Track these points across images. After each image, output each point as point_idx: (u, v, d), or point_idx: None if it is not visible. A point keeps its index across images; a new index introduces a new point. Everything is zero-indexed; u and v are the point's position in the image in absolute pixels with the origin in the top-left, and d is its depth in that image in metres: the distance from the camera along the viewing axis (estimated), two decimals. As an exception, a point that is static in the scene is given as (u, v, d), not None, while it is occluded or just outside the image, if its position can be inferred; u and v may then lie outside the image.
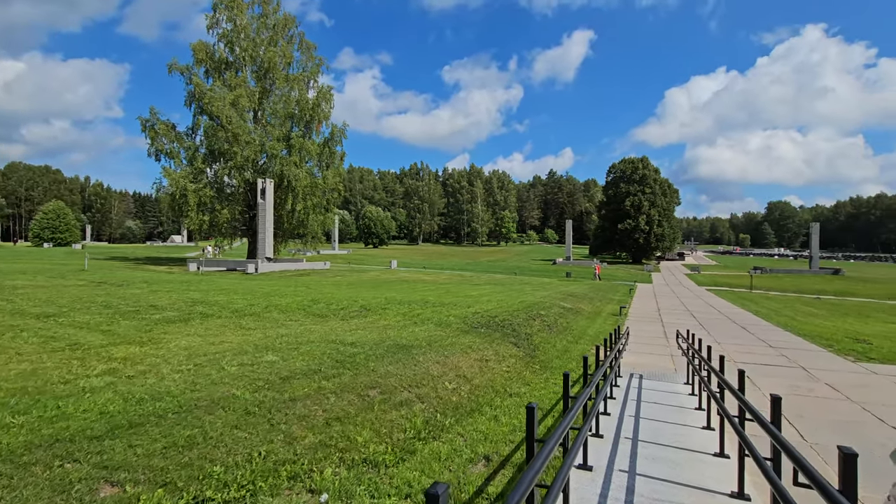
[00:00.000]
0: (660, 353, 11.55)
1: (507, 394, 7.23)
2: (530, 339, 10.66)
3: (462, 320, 10.88)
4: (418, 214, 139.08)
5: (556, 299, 18.90)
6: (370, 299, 14.05)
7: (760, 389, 8.33)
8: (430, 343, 8.21)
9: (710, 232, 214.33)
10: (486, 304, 14.75)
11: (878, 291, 39.19)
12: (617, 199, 74.17)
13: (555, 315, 14.55)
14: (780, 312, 21.63)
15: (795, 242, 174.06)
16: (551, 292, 22.78)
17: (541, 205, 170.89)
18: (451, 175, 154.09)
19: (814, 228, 60.23)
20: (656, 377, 9.08)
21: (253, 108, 37.31)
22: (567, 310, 16.66)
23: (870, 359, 11.02)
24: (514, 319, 11.94)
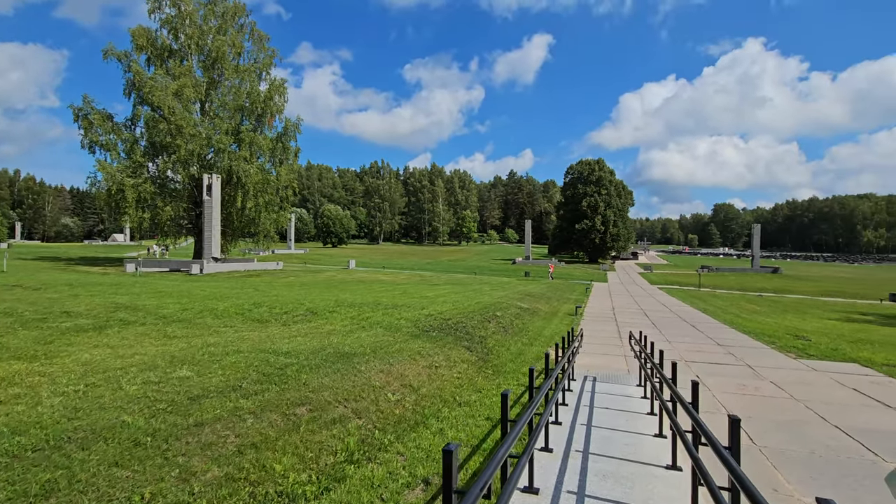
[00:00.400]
0: (614, 353, 11.47)
1: (457, 403, 6.78)
2: (484, 343, 10.28)
3: (414, 323, 10.36)
4: (379, 213, 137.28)
5: (514, 299, 18.72)
6: (319, 302, 13.29)
7: (710, 390, 8.29)
8: (376, 350, 7.65)
9: (662, 232, 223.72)
10: (441, 305, 14.31)
11: (812, 288, 41.80)
12: (574, 199, 75.80)
13: (511, 316, 14.29)
14: (726, 310, 22.43)
15: (738, 242, 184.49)
16: (509, 292, 22.65)
17: (501, 205, 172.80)
18: (413, 174, 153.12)
19: (755, 230, 63.72)
20: (610, 379, 8.90)
21: (199, 99, 35.25)
22: (524, 310, 16.47)
23: (809, 355, 11.36)
24: (468, 322, 11.54)
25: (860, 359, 10.86)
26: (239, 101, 35.92)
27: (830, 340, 13.26)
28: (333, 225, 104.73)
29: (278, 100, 37.61)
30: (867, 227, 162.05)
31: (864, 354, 11.27)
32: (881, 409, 7.32)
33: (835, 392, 8.24)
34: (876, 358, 10.89)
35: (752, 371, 9.73)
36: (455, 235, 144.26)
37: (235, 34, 37.07)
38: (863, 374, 9.62)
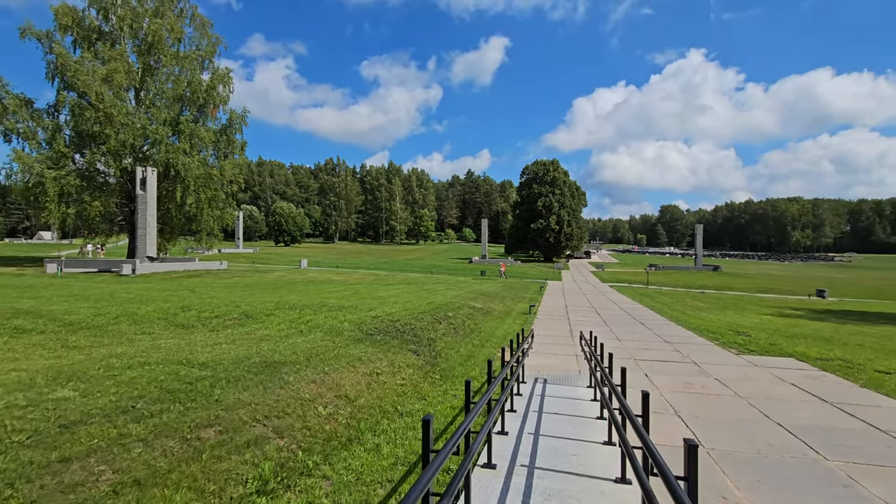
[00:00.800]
0: (565, 353, 11.31)
1: (398, 413, 6.25)
2: (433, 345, 9.80)
3: (358, 326, 9.72)
4: (334, 212, 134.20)
5: (468, 299, 18.39)
6: (258, 304, 12.35)
7: (659, 389, 8.20)
8: (311, 357, 6.99)
9: (613, 232, 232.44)
10: (392, 306, 13.71)
11: (749, 285, 44.30)
12: (530, 199, 76.95)
13: (463, 316, 13.90)
14: (672, 307, 23.13)
15: (683, 242, 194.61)
16: (464, 292, 22.33)
17: (459, 204, 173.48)
18: (369, 172, 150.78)
19: (698, 230, 67.03)
20: (560, 381, 8.66)
21: (133, 86, 32.73)
22: (477, 310, 16.15)
23: (750, 351, 11.66)
24: (417, 323, 11.03)
25: (796, 353, 11.24)
26: (179, 89, 33.65)
27: (768, 336, 13.75)
28: (286, 223, 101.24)
29: (223, 90, 35.59)
30: (796, 228, 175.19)
31: (800, 349, 11.69)
32: (818, 403, 7.44)
33: (775, 388, 8.36)
34: (810, 352, 11.30)
35: (698, 368, 9.80)
36: (413, 234, 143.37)
37: (175, 18, 34.70)
38: (799, 368, 9.90)
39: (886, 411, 7.08)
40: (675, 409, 7.14)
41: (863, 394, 8.00)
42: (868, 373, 9.38)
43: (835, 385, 8.57)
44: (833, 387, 8.43)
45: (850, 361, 10.35)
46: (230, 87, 36.54)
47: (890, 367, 9.84)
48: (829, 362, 10.29)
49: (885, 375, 9.21)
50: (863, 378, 8.97)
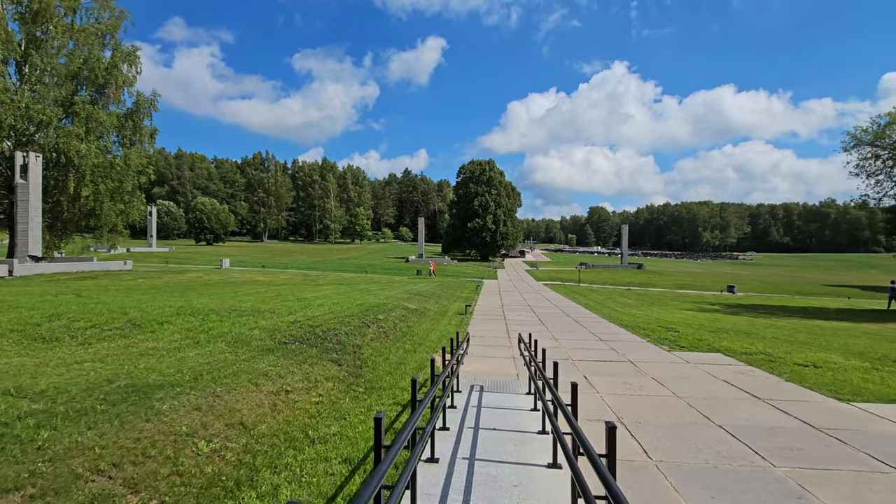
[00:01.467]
0: (503, 355, 10.73)
1: (308, 440, 5.20)
2: (358, 353, 8.76)
3: (271, 334, 8.46)
4: (263, 209, 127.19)
5: (402, 299, 17.43)
6: (154, 310, 10.60)
7: (599, 392, 7.78)
8: (201, 376, 5.72)
9: (546, 232, 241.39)
10: (316, 309, 12.44)
11: (669, 282, 47.14)
12: (466, 198, 77.26)
13: (395, 318, 12.93)
14: (603, 304, 23.63)
15: (609, 241, 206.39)
16: (398, 291, 21.33)
17: (396, 203, 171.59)
18: (302, 168, 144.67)
19: (624, 230, 70.73)
20: (498, 388, 7.99)
21: (15, 59, 28.24)
22: (411, 311, 15.24)
23: (681, 347, 11.77)
24: (343, 328, 9.92)
25: (722, 348, 11.47)
26: (73, 66, 29.49)
27: (694, 331, 14.10)
28: (208, 220, 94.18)
29: (127, 70, 31.77)
30: (706, 229, 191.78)
31: (725, 344, 11.98)
32: (752, 401, 7.34)
33: (710, 386, 8.25)
34: (734, 347, 11.59)
35: (634, 367, 9.57)
36: (348, 233, 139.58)
37: (68, -16, 30.40)
38: (727, 364, 10.01)
39: (814, 406, 7.10)
40: (616, 414, 6.69)
41: (789, 389, 8.08)
42: (789, 366, 9.64)
43: (763, 380, 8.64)
44: (762, 382, 8.48)
45: (771, 355, 10.67)
46: (137, 68, 32.71)
47: (806, 359, 10.22)
48: (754, 357, 10.53)
49: (804, 368, 9.50)
50: (786, 372, 9.16)
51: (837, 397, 7.55)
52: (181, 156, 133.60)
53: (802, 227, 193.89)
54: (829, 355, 10.63)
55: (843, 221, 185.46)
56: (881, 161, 24.26)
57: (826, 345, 12.20)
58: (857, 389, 7.94)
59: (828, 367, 9.54)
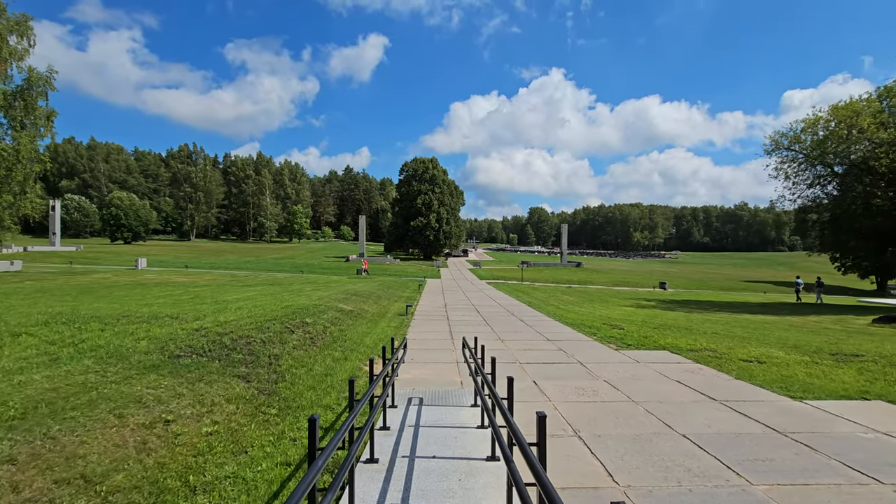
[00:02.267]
0: (445, 360, 9.76)
1: (188, 490, 3.90)
2: (275, 364, 7.42)
3: (162, 345, 6.92)
4: (190, 205, 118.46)
5: (336, 300, 16.02)
6: (18, 317, 8.57)
7: (551, 400, 6.99)
8: (35, 408, 4.22)
9: (488, 232, 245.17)
10: (233, 312, 10.83)
11: (606, 279, 48.67)
12: (409, 196, 75.98)
13: (326, 322, 11.58)
14: (547, 302, 23.43)
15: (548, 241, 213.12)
16: (334, 292, 19.82)
17: (337, 201, 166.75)
18: (235, 162, 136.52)
19: (563, 229, 72.66)
20: (440, 399, 6.99)
21: None
22: (345, 313, 13.90)
23: (627, 345, 11.39)
24: (259, 335, 8.49)
25: (668, 346, 11.21)
26: (-57, 32, 25.10)
27: (638, 328, 13.91)
28: (126, 217, 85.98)
29: (16, 42, 27.54)
30: (637, 230, 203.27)
31: (669, 341, 11.76)
32: (710, 403, 6.87)
33: (664, 387, 7.75)
34: (679, 344, 11.38)
35: (585, 370, 8.95)
36: (285, 232, 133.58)
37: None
38: (676, 362, 9.67)
39: (770, 406, 6.73)
40: (573, 426, 5.90)
41: (741, 387, 7.75)
42: (735, 363, 9.44)
43: (713, 379, 8.29)
44: (712, 381, 8.12)
45: (716, 351, 10.51)
46: (30, 40, 28.44)
47: (749, 355, 10.13)
48: (700, 353, 10.31)
49: (750, 364, 9.33)
50: (734, 369, 8.92)
51: (790, 395, 7.28)
52: (95, 146, 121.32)
53: (720, 228, 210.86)
54: (770, 350, 10.64)
55: (754, 223, 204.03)
56: (797, 164, 26.01)
57: (762, 339, 12.35)
58: (805, 386, 7.75)
59: (771, 363, 9.44)
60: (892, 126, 21.08)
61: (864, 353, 9.81)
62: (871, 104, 22.31)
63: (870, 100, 23.63)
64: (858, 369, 8.77)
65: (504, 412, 3.62)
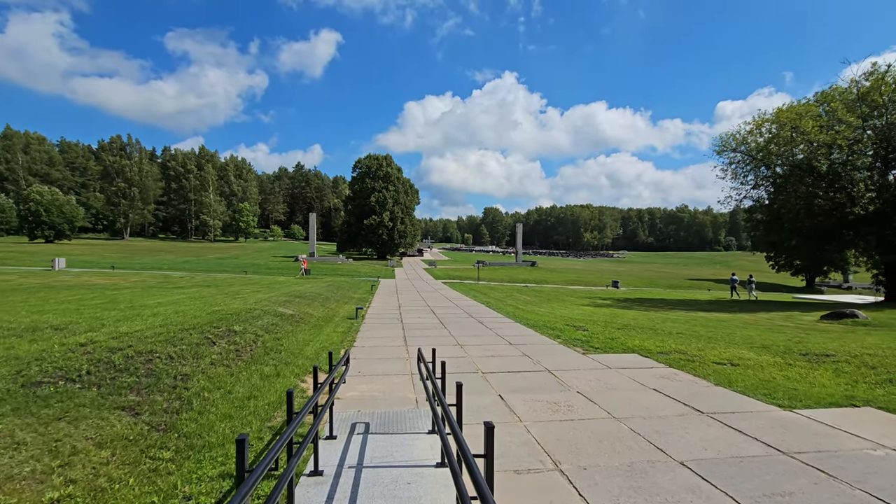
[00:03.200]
0: (398, 371, 8.53)
1: None
2: (181, 388, 5.92)
3: (20, 368, 5.26)
4: (124, 201, 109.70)
5: (276, 303, 14.38)
6: None
7: (522, 420, 5.95)
8: None
9: (443, 231, 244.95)
10: (142, 321, 9.08)
11: (560, 278, 48.98)
12: (363, 194, 73.76)
13: (260, 329, 10.04)
14: (505, 302, 22.66)
15: (502, 241, 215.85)
16: (276, 293, 18.05)
17: (287, 199, 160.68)
18: (175, 156, 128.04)
19: (518, 228, 72.95)
20: (391, 424, 5.77)
21: None
22: (285, 318, 12.35)
23: (595, 349, 10.63)
24: (167, 349, 6.92)
25: (637, 348, 10.55)
26: None
27: (602, 329, 13.27)
28: (48, 213, 78.10)
29: None
30: (587, 230, 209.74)
31: (637, 342, 11.13)
32: (697, 417, 6.08)
33: (643, 398, 6.92)
34: (647, 346, 10.75)
35: (554, 379, 8.02)
36: (231, 231, 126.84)
37: None
38: (648, 366, 8.95)
39: (761, 419, 6.02)
40: (552, 456, 4.86)
41: (724, 396, 7.05)
42: (710, 366, 8.84)
43: (691, 386, 7.58)
44: (692, 389, 7.40)
45: (686, 353, 9.93)
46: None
47: (720, 357, 9.60)
48: (671, 356, 9.68)
49: (724, 367, 8.76)
50: (710, 374, 8.28)
51: (776, 403, 6.64)
52: (11, 135, 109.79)
53: (663, 229, 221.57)
54: (739, 350, 10.20)
55: (694, 224, 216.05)
56: (744, 165, 26.77)
57: (728, 339, 12.00)
58: (789, 392, 7.16)
59: (745, 365, 8.91)
60: (830, 129, 21.94)
61: (833, 353, 9.51)
62: (810, 108, 23.22)
63: (809, 104, 24.63)
64: (835, 371, 8.38)
65: (468, 463, 2.47)
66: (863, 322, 15.43)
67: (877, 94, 22.44)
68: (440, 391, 4.39)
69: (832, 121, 21.88)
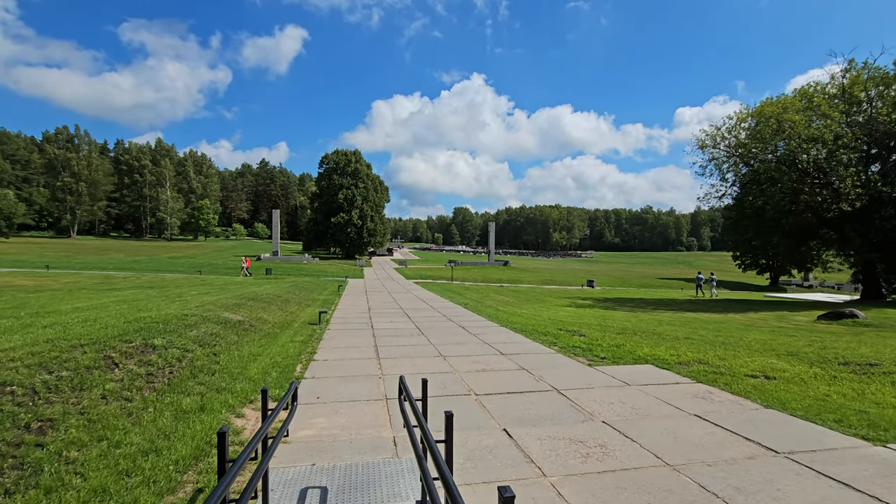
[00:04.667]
0: (369, 395, 6.67)
1: None
2: (31, 445, 3.89)
3: None
4: (70, 197, 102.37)
5: (223, 308, 12.20)
6: None
7: (547, 476, 4.23)
8: None
9: (413, 231, 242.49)
10: (32, 333, 6.89)
11: (535, 278, 47.93)
12: (330, 191, 70.84)
13: (192, 341, 7.95)
14: (483, 303, 21.04)
15: (473, 241, 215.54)
16: (227, 296, 15.78)
17: (251, 196, 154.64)
18: (128, 150, 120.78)
19: (491, 227, 71.78)
20: (358, 486, 3.93)
21: None
22: (230, 326, 10.24)
23: (601, 359, 9.07)
24: (35, 378, 4.85)
25: (648, 357, 9.06)
26: None
27: (600, 334, 11.78)
28: (-20, 208, 71.51)
29: None
30: (556, 230, 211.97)
31: (646, 350, 9.66)
32: (777, 463, 4.49)
33: (690, 430, 5.34)
34: (660, 354, 9.30)
35: (567, 402, 6.36)
36: (191, 229, 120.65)
37: None
38: (673, 382, 7.44)
39: (861, 461, 4.47)
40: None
41: (787, 424, 5.55)
42: (742, 380, 7.40)
43: (739, 410, 6.06)
44: (743, 414, 5.87)
45: (708, 363, 8.50)
46: None
47: (749, 368, 8.22)
48: (692, 368, 8.22)
49: (761, 382, 7.34)
50: (749, 391, 6.81)
51: (858, 434, 5.16)
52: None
53: (629, 229, 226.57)
54: (767, 359, 8.86)
55: (657, 225, 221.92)
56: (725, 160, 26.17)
57: (743, 344, 10.72)
58: (860, 416, 5.74)
59: (783, 379, 7.54)
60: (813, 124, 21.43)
61: (876, 362, 8.28)
62: (793, 102, 22.74)
63: (790, 99, 24.19)
64: (893, 384, 7.08)
65: None
66: (864, 322, 14.62)
67: (858, 89, 22.09)
68: (435, 449, 2.55)
69: (816, 115, 21.40)
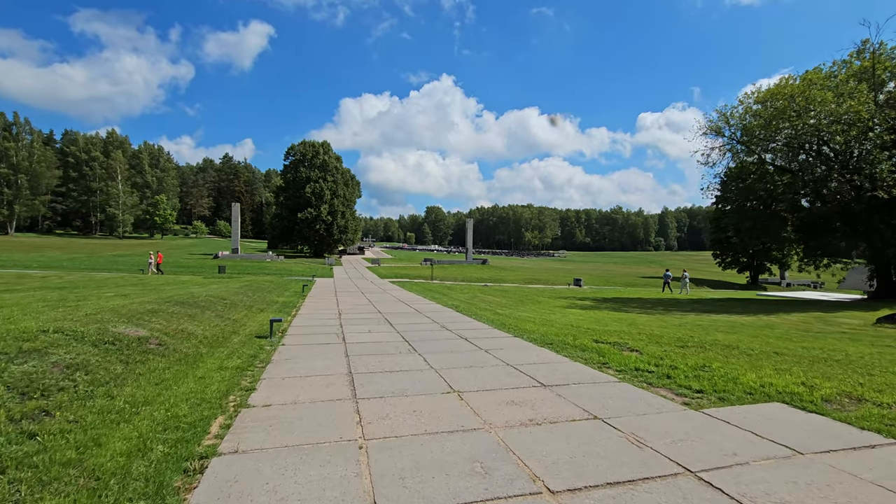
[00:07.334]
0: (338, 473, 3.33)
1: None
2: None
3: None
4: (7, 190, 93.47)
5: (124, 317, 8.59)
6: None
7: None
8: None
9: (384, 230, 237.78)
10: None
11: (516, 277, 45.24)
12: (297, 184, 66.23)
13: (8, 387, 4.42)
14: (475, 304, 17.91)
15: (445, 240, 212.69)
16: (147, 299, 12.06)
17: (213, 193, 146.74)
18: (76, 141, 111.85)
19: (469, 225, 68.86)
20: None
21: None
22: (119, 349, 6.69)
23: (696, 392, 6.03)
24: None
25: (768, 388, 6.09)
26: None
27: (658, 348, 8.79)
28: None
29: None
30: (528, 230, 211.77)
31: (750, 376, 6.70)
32: None
33: None
34: (777, 382, 6.35)
35: None
36: (146, 226, 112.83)
37: None
38: (866, 445, 4.48)
39: None
40: None
41: None
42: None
43: None
44: None
45: (866, 399, 5.64)
46: None
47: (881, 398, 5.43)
48: (846, 410, 5.33)
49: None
50: None
51: None
52: None
53: (599, 229, 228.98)
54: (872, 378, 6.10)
55: (627, 226, 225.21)
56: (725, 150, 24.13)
57: (859, 361, 7.98)
58: None
59: None
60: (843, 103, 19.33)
61: None
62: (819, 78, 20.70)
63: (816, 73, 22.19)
64: None
65: None
66: (937, 326, 12.32)
67: (881, 68, 20.18)
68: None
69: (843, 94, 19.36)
